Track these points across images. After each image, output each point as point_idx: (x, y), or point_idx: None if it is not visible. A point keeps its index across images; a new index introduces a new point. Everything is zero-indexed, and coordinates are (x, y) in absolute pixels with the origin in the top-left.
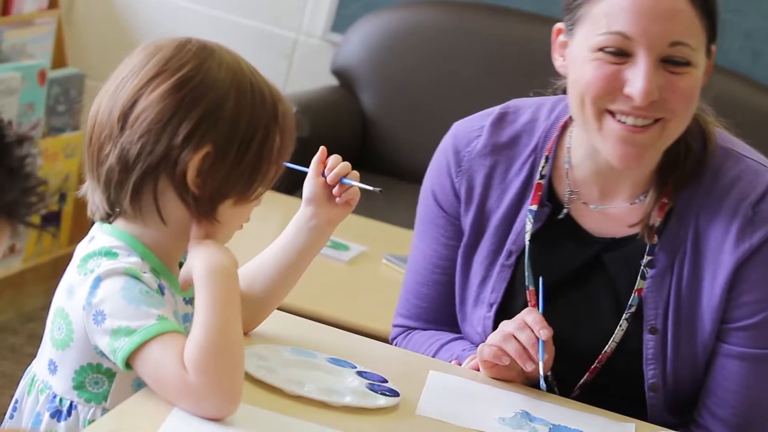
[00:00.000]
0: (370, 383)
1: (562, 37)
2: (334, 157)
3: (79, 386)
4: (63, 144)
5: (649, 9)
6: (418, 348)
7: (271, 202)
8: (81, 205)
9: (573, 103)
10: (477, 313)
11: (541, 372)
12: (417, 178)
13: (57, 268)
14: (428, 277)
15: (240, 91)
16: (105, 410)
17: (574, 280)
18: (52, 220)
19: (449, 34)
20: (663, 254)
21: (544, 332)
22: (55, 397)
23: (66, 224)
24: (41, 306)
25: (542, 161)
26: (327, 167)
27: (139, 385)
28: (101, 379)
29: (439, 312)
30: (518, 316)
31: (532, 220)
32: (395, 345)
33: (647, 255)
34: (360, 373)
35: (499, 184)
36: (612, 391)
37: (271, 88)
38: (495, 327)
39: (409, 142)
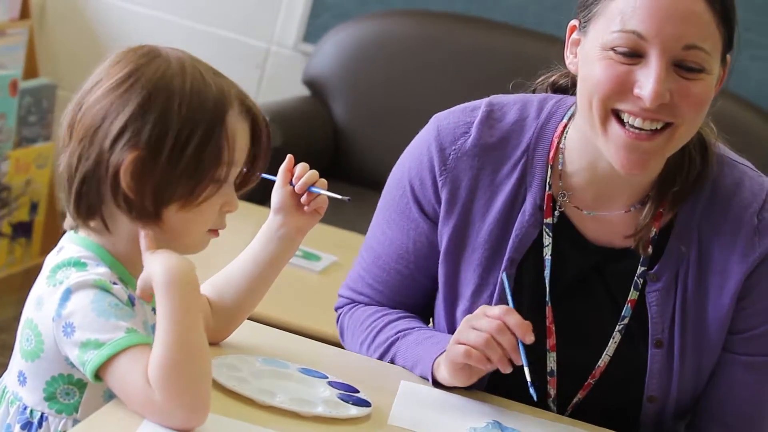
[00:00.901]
0: (341, 393)
1: (575, 35)
2: (302, 166)
3: (50, 397)
4: (35, 154)
5: (665, 9)
6: (361, 322)
7: (241, 212)
8: (52, 215)
9: (581, 102)
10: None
11: (529, 379)
12: None
13: (29, 278)
14: (389, 264)
15: (172, 93)
16: (76, 421)
17: (576, 288)
18: (23, 230)
19: (421, 44)
20: (667, 267)
21: (530, 337)
22: (25, 408)
23: (37, 235)
24: (13, 316)
25: (548, 170)
26: (295, 176)
27: (110, 396)
28: (72, 390)
29: (393, 299)
30: (492, 315)
31: (550, 234)
32: (338, 315)
33: (641, 266)
34: (331, 383)
35: (487, 187)
36: (603, 403)
37: (224, 92)
38: None
39: (380, 151)
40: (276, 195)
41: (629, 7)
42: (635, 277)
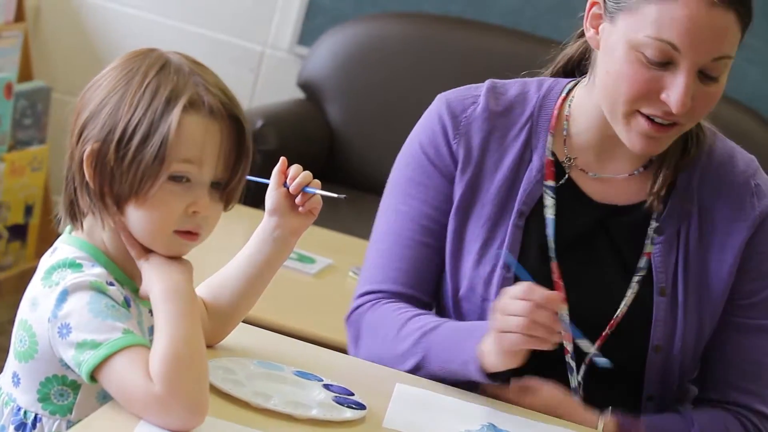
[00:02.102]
0: (336, 396)
1: (596, 10)
2: (296, 167)
3: (43, 398)
4: (29, 157)
5: (702, 26)
6: (387, 315)
7: (236, 215)
8: (47, 218)
9: (603, 91)
10: (480, 273)
11: (591, 349)
12: (383, 191)
13: (24, 281)
14: (414, 238)
15: (129, 87)
16: (70, 422)
17: (581, 244)
18: (18, 233)
19: (416, 46)
20: (670, 222)
21: (564, 306)
22: (19, 409)
23: (32, 237)
24: (8, 319)
25: (548, 138)
26: (289, 177)
27: (105, 397)
28: (66, 391)
29: (420, 276)
30: (519, 296)
31: (553, 197)
32: (355, 317)
33: (654, 221)
34: (326, 386)
35: (497, 149)
36: (611, 356)
37: (175, 90)
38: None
39: (375, 154)
40: (270, 197)
41: (666, 17)
42: (650, 231)
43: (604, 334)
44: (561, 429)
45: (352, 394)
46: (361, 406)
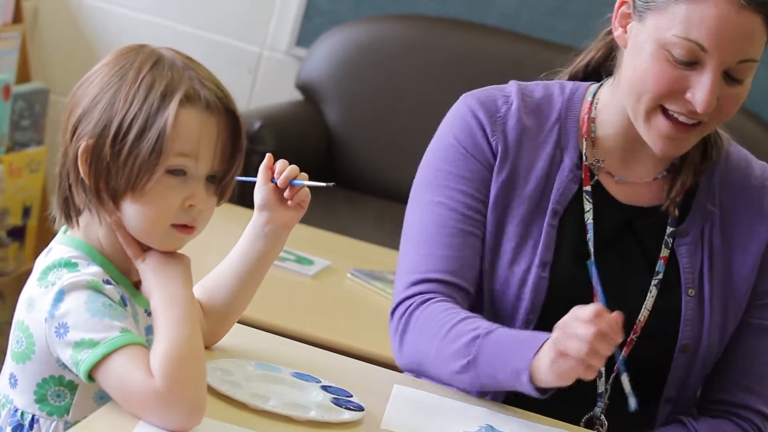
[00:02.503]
0: (334, 397)
1: (625, 9)
2: (281, 162)
3: (40, 399)
4: (27, 159)
5: (730, 28)
6: (439, 314)
7: (235, 216)
8: (45, 219)
9: (627, 89)
10: (515, 272)
11: (628, 388)
12: (382, 193)
13: (22, 282)
14: (457, 227)
15: (124, 82)
16: (67, 423)
17: (610, 246)
18: (16, 234)
19: (414, 48)
20: (695, 224)
21: (620, 337)
22: (16, 411)
23: (30, 239)
24: (5, 321)
25: (581, 142)
26: (276, 171)
27: (102, 397)
28: (63, 392)
29: (464, 264)
30: (587, 321)
31: (591, 201)
32: (402, 309)
33: (670, 226)
34: (324, 388)
35: (530, 148)
36: (638, 359)
37: (174, 80)
38: (550, 285)
39: (373, 156)
40: (258, 193)
41: (696, 16)
42: (666, 236)
43: (629, 339)
44: (561, 429)
45: (351, 396)
46: (360, 408)
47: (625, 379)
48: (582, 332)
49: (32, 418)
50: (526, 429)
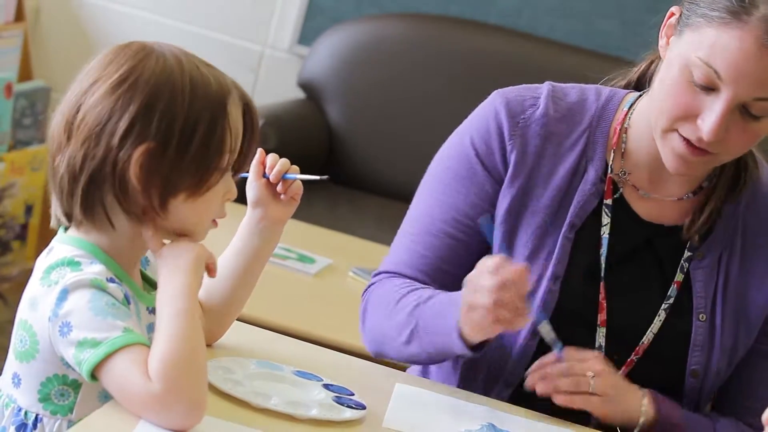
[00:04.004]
0: (336, 396)
1: (672, 20)
2: (272, 156)
3: (44, 398)
4: (29, 157)
5: (751, 64)
6: (391, 288)
7: (241, 215)
8: (47, 218)
9: (652, 102)
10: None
11: (550, 336)
12: (384, 191)
13: (24, 281)
14: (444, 230)
15: (175, 85)
16: (71, 422)
17: (628, 262)
18: (18, 233)
19: (415, 46)
20: (712, 248)
21: (528, 284)
22: (20, 410)
23: (32, 237)
24: (7, 319)
25: (607, 152)
26: (267, 166)
27: (105, 396)
28: (67, 391)
29: (441, 268)
30: (489, 270)
31: (609, 215)
32: (367, 294)
33: (688, 251)
34: (326, 386)
35: (552, 155)
36: (644, 381)
37: (221, 82)
38: (559, 299)
39: (375, 154)
40: (251, 189)
41: (719, 44)
42: (682, 261)
43: (629, 360)
44: (561, 429)
45: (352, 394)
46: (361, 406)
47: (545, 326)
48: (485, 283)
49: (36, 418)
50: (528, 428)
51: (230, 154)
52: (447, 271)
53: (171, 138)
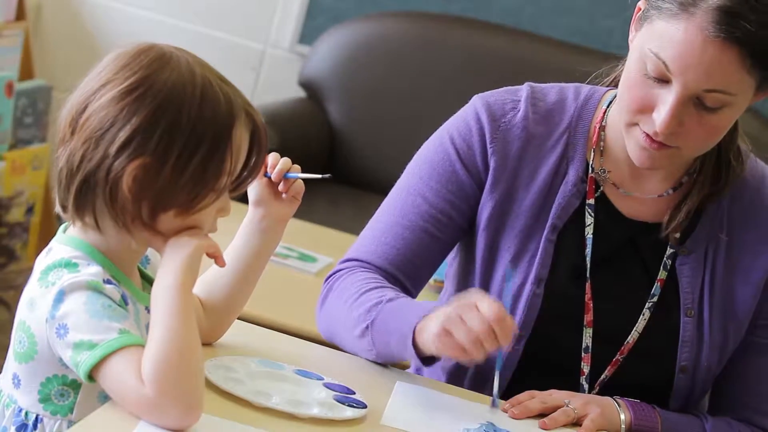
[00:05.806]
0: (337, 395)
1: (638, 15)
2: (273, 155)
3: (44, 399)
4: (30, 156)
5: (696, 55)
6: (357, 281)
7: (242, 215)
8: (48, 217)
9: (620, 89)
10: (508, 286)
11: (497, 388)
12: (384, 190)
13: (24, 280)
14: (416, 222)
15: (183, 103)
16: (71, 422)
17: (612, 261)
18: (19, 232)
19: (417, 45)
20: (697, 244)
21: (509, 347)
22: (20, 411)
23: (33, 236)
24: (7, 318)
25: (587, 152)
26: (269, 165)
27: (105, 397)
28: (67, 391)
29: (410, 260)
30: (484, 314)
31: (592, 215)
32: (332, 280)
33: (670, 248)
34: (327, 385)
35: (532, 158)
36: (634, 378)
37: (231, 102)
38: (544, 302)
39: (376, 153)
40: (252, 188)
41: (667, 36)
42: (664, 258)
43: (614, 360)
44: (560, 429)
45: (353, 393)
46: (362, 405)
47: (496, 379)
48: (475, 325)
49: (36, 418)
50: (527, 427)
51: (228, 176)
52: (416, 265)
53: (169, 156)
